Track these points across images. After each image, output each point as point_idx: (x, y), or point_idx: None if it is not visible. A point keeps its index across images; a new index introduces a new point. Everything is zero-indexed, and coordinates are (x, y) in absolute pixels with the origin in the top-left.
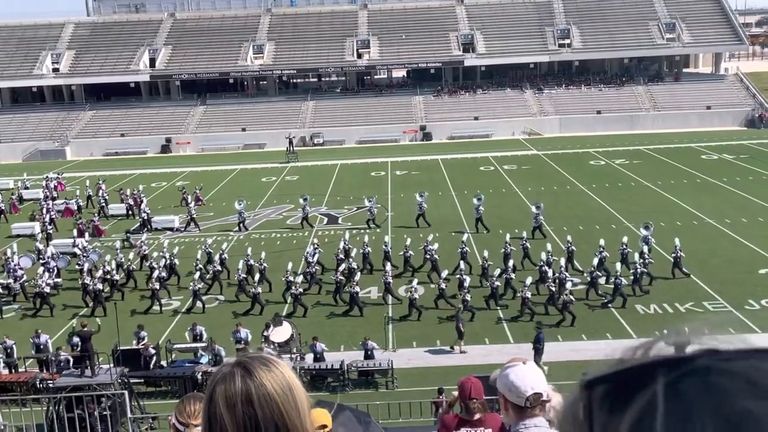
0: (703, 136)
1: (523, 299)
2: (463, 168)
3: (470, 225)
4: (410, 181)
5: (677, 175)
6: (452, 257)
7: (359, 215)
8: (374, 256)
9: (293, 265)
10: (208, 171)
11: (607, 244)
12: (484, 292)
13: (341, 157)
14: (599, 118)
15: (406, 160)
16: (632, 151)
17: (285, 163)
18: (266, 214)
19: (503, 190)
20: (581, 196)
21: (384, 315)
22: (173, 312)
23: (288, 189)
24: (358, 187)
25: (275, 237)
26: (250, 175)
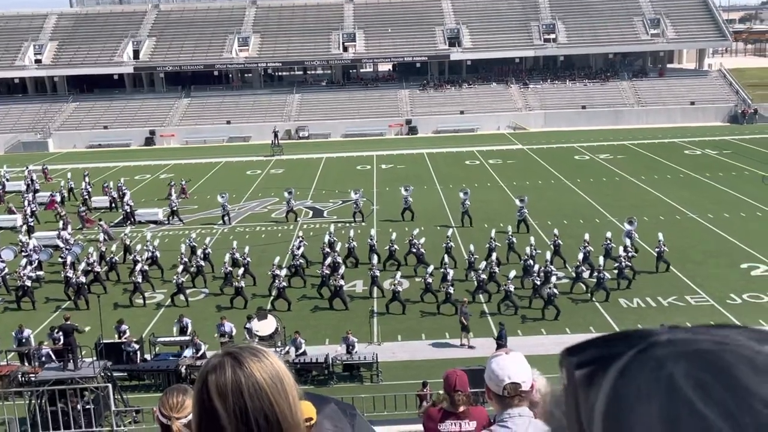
0: (687, 132)
1: (506, 292)
2: (449, 162)
3: (456, 219)
4: (396, 175)
5: (661, 170)
6: (438, 251)
7: (345, 209)
8: (360, 250)
9: (279, 258)
10: (192, 164)
11: (591, 239)
12: (468, 286)
13: (326, 150)
14: (584, 113)
15: (392, 154)
16: (616, 146)
17: (270, 156)
18: (251, 207)
19: (488, 184)
20: (566, 190)
21: (369, 308)
22: (156, 305)
23: (273, 182)
24: (343, 181)
25: (260, 230)
26: (235, 168)
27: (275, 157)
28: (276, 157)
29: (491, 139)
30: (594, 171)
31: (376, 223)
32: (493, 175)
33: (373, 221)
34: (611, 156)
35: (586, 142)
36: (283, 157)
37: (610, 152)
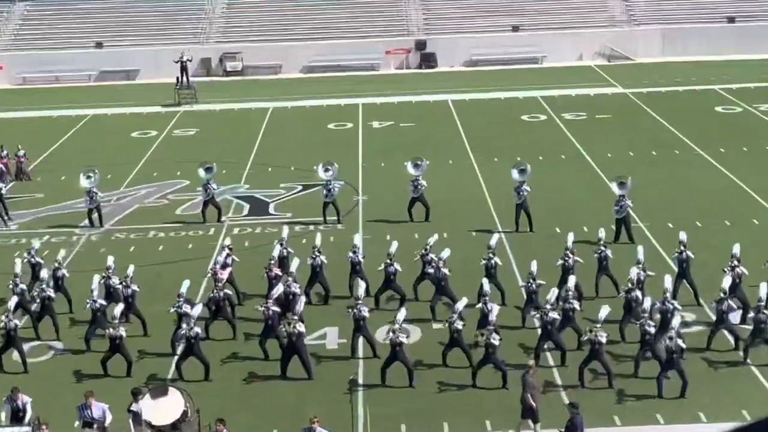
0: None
1: (593, 347)
2: (492, 117)
3: (506, 218)
4: (397, 140)
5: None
6: (473, 273)
7: (307, 199)
8: (334, 270)
9: (189, 286)
10: (33, 119)
11: (744, 254)
12: (528, 337)
13: (274, 95)
14: (732, 30)
15: (390, 103)
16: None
17: (173, 105)
18: (139, 197)
19: (562, 156)
20: (700, 166)
21: (350, 377)
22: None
23: (179, 152)
24: (304, 150)
25: (155, 238)
26: (111, 127)
27: (182, 108)
28: (184, 108)
29: (568, 76)
30: (750, 132)
31: (363, 225)
32: (570, 141)
33: (358, 221)
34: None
35: (736, 81)
36: (196, 107)
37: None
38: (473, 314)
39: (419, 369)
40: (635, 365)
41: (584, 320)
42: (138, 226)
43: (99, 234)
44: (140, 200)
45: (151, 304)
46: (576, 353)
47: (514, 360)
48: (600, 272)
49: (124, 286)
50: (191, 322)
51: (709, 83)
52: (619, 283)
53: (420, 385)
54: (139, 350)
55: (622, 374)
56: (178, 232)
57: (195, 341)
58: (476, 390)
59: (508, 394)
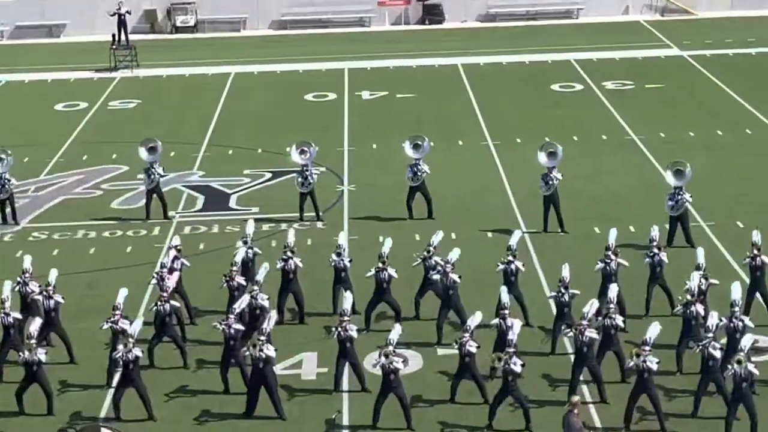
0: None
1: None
2: (514, 87)
3: (531, 214)
4: (393, 116)
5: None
6: (486, 286)
7: (278, 190)
8: (312, 280)
9: (125, 298)
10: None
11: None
12: (560, 366)
13: (238, 57)
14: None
15: (384, 68)
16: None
17: (108, 70)
18: (65, 186)
19: (603, 136)
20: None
21: (333, 415)
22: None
23: (115, 129)
24: (274, 128)
25: (87, 239)
26: (28, 97)
27: (120, 73)
28: (122, 73)
29: (610, 34)
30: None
31: (348, 223)
32: (613, 117)
33: (342, 218)
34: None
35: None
36: (137, 72)
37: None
38: (489, 334)
39: (419, 406)
40: (695, 402)
41: (626, 343)
42: (63, 224)
43: (12, 233)
44: (66, 191)
45: (79, 320)
46: (618, 386)
47: (538, 395)
48: (652, 282)
49: (45, 297)
50: (129, 343)
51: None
52: (674, 296)
53: (421, 426)
54: (61, 381)
55: (678, 414)
56: (114, 231)
57: (134, 367)
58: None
59: None
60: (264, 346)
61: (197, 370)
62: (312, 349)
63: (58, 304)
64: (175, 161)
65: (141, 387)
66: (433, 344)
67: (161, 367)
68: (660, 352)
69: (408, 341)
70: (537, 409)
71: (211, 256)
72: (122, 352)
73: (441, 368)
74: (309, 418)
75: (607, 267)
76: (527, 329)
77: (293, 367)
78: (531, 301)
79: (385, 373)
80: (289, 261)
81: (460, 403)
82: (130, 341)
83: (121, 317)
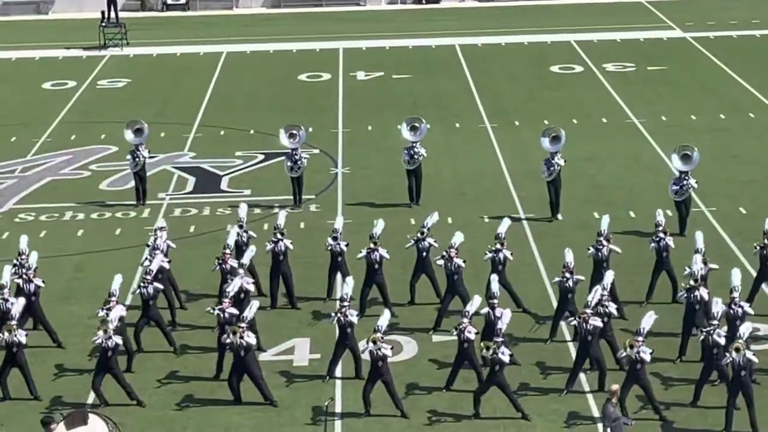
0: None
1: (634, 363)
2: (512, 68)
3: (530, 199)
4: (389, 97)
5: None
6: (483, 273)
7: (271, 172)
8: (303, 264)
9: (122, 284)
10: None
11: None
12: (539, 352)
13: (230, 36)
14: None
15: (380, 48)
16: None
17: (97, 48)
18: (52, 167)
19: (603, 119)
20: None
21: (326, 402)
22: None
23: (104, 109)
24: (267, 108)
25: (75, 221)
26: (15, 76)
27: (109, 52)
28: (111, 51)
29: (611, 14)
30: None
31: (342, 206)
32: (614, 99)
33: (336, 202)
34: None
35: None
36: (127, 51)
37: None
38: (479, 322)
39: (414, 393)
40: (696, 390)
41: (621, 331)
42: (50, 205)
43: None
44: (53, 171)
45: (67, 303)
46: (615, 374)
47: (536, 382)
48: (659, 268)
49: (25, 281)
50: (109, 330)
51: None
52: (679, 285)
53: (414, 413)
54: (47, 365)
55: (677, 402)
56: (103, 213)
57: (113, 354)
58: (487, 421)
59: (530, 425)
60: (245, 334)
61: (187, 355)
62: (304, 335)
63: (38, 288)
64: (166, 142)
65: (119, 375)
66: (428, 330)
67: (149, 350)
68: (660, 340)
69: (403, 327)
70: (535, 396)
71: (202, 239)
72: (102, 339)
73: (435, 355)
74: (300, 404)
75: (598, 253)
76: (523, 316)
77: (285, 353)
78: (528, 288)
79: (374, 359)
80: (278, 243)
81: (455, 390)
82: (109, 327)
83: (116, 304)
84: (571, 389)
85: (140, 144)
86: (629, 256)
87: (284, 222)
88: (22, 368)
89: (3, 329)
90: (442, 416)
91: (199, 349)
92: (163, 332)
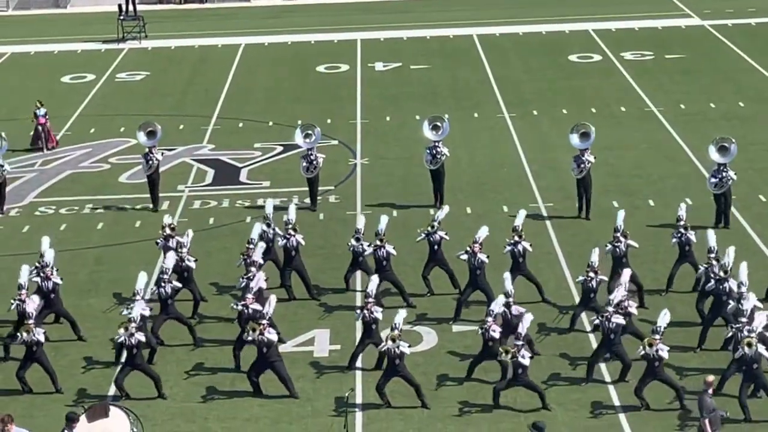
0: None
1: (651, 361)
2: (530, 57)
3: (549, 189)
4: (407, 87)
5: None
6: (505, 265)
7: (289, 164)
8: (323, 255)
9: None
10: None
11: None
12: (558, 342)
13: (248, 28)
14: None
15: (398, 38)
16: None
17: (116, 41)
18: (72, 160)
19: (621, 108)
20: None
21: (346, 393)
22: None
23: (123, 101)
24: (285, 100)
25: (95, 214)
26: (35, 69)
27: (128, 45)
28: (130, 45)
29: (628, 3)
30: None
31: (361, 197)
32: (632, 88)
33: (355, 193)
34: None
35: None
36: (145, 44)
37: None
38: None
39: (435, 385)
40: (721, 381)
41: (641, 322)
42: (70, 198)
43: (19, 208)
44: (73, 165)
45: (88, 296)
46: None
47: (557, 372)
48: (680, 261)
49: (42, 278)
50: (131, 327)
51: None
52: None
53: (434, 403)
54: (69, 359)
55: (696, 391)
56: (123, 206)
57: (137, 351)
58: (507, 411)
59: (550, 415)
60: (266, 330)
61: (207, 347)
62: (324, 326)
63: (56, 285)
64: (184, 134)
65: (146, 368)
66: (448, 320)
67: (171, 344)
68: (679, 330)
69: (422, 317)
70: (555, 386)
71: (221, 231)
72: (124, 337)
73: (456, 346)
74: (321, 395)
75: (616, 249)
76: (544, 306)
77: (305, 344)
78: (547, 278)
79: (392, 357)
80: (290, 238)
81: (475, 379)
82: (132, 325)
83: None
84: (592, 379)
85: (153, 146)
86: (649, 245)
87: (295, 216)
88: (43, 365)
89: (21, 330)
90: (462, 407)
91: (220, 341)
92: (187, 327)
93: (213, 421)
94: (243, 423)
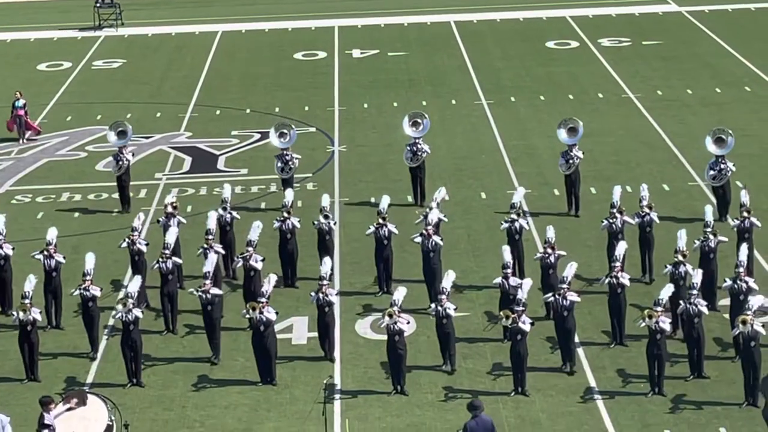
0: None
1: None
2: (508, 44)
3: (526, 175)
4: (384, 75)
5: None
6: (482, 251)
7: (267, 151)
8: (301, 243)
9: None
10: None
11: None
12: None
13: (225, 15)
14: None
15: (375, 26)
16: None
17: (92, 28)
18: (48, 148)
19: (599, 95)
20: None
21: (324, 380)
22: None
23: (100, 89)
24: (263, 87)
25: (71, 202)
26: (10, 57)
27: (104, 32)
28: (106, 32)
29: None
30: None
31: (339, 184)
32: (609, 75)
33: (332, 178)
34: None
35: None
36: (122, 31)
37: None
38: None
39: (414, 371)
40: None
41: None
42: (46, 187)
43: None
44: (49, 153)
45: (66, 285)
46: (612, 351)
47: (535, 358)
48: (644, 244)
49: (46, 257)
50: (128, 303)
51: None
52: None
53: (415, 392)
54: (46, 346)
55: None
56: (99, 194)
57: (134, 327)
58: (486, 397)
59: (528, 400)
60: (265, 309)
61: (185, 335)
62: (302, 314)
63: (59, 264)
64: (161, 122)
65: (139, 349)
66: (425, 308)
67: (149, 331)
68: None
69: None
70: (533, 372)
71: (199, 218)
72: (121, 313)
73: (434, 333)
74: (299, 382)
75: (612, 225)
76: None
77: (284, 332)
78: (525, 263)
79: (390, 333)
80: (286, 221)
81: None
82: (129, 302)
83: (91, 284)
84: (572, 364)
85: (124, 147)
86: (627, 230)
87: (291, 201)
88: (32, 347)
89: (17, 308)
90: (440, 393)
91: (198, 328)
92: (171, 310)
93: (191, 409)
94: (221, 410)
